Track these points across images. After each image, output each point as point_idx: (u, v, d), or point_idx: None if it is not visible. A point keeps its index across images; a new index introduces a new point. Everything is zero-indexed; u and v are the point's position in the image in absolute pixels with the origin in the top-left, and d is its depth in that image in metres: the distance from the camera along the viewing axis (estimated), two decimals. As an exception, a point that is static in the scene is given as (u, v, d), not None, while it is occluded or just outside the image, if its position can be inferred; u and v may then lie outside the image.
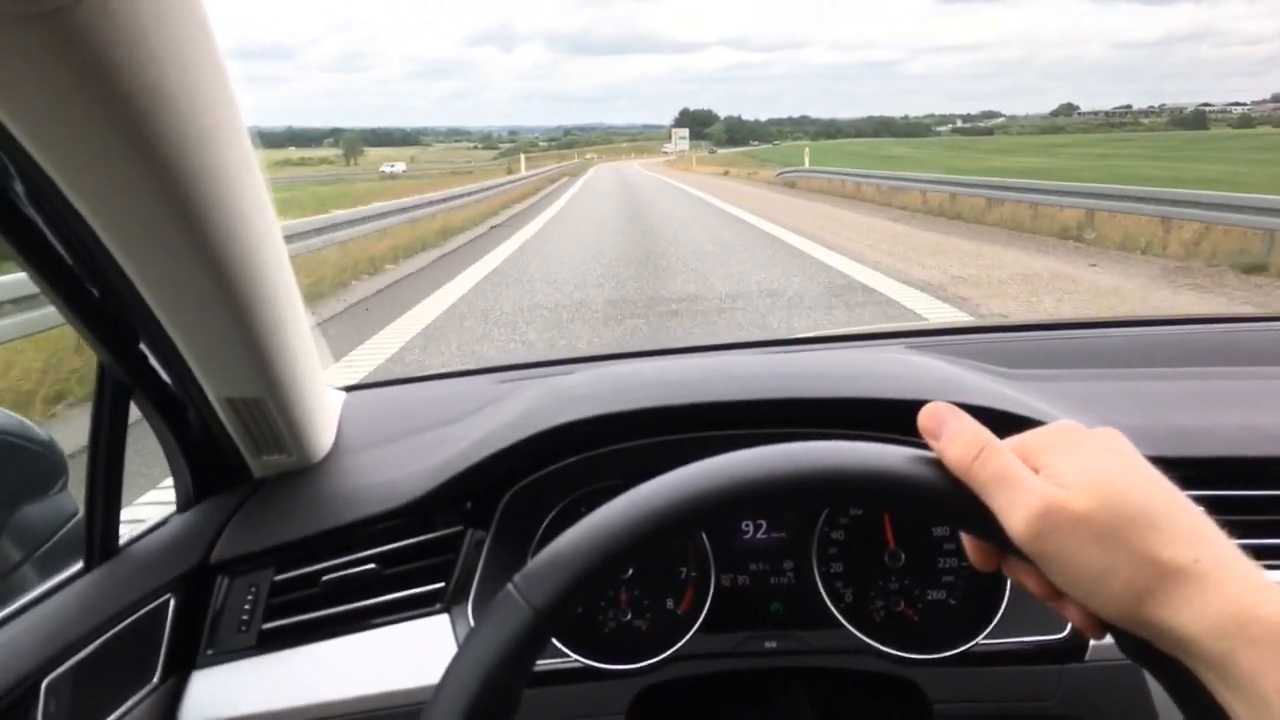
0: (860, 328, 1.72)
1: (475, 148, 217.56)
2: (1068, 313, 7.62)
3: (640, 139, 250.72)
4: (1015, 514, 0.46)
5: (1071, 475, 0.46)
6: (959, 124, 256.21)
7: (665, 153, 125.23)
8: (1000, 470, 0.48)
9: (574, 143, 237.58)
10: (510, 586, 0.51)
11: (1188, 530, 0.45)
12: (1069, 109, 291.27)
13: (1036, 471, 0.48)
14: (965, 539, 0.53)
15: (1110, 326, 1.55)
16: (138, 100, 0.58)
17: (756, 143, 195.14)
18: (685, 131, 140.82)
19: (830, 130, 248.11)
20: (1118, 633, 0.47)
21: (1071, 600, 0.48)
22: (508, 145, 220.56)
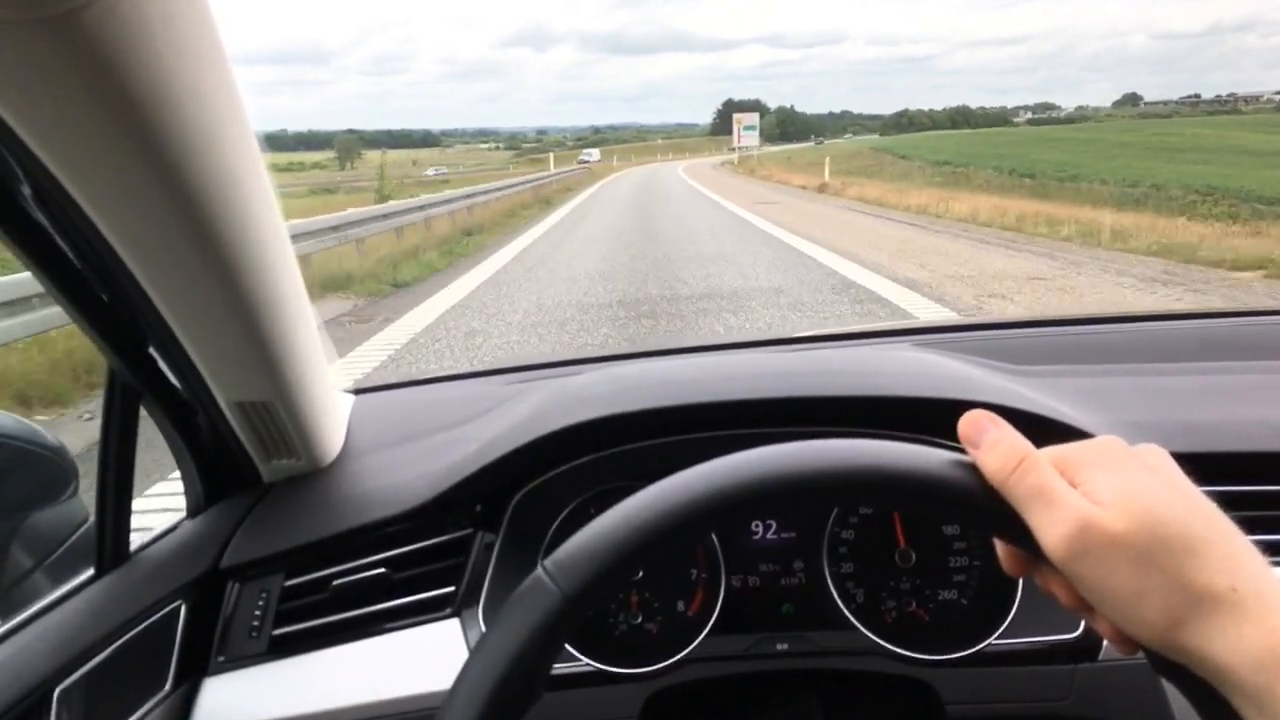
0: (865, 325, 1.71)
1: (498, 148, 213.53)
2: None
3: (675, 137, 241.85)
4: (1051, 530, 0.46)
5: (1109, 493, 0.45)
6: (1030, 115, 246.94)
7: (739, 148, 72.80)
8: (1038, 484, 0.47)
9: (603, 141, 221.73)
10: (540, 571, 0.50)
11: (1225, 556, 0.44)
12: (1134, 99, 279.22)
13: (1075, 486, 0.47)
14: (998, 544, 0.52)
15: (1117, 322, 1.54)
16: (145, 104, 0.58)
17: (815, 138, 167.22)
18: (755, 118, 79.27)
19: (902, 122, 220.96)
20: (1150, 653, 0.46)
21: (1103, 616, 0.47)
22: (532, 145, 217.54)
